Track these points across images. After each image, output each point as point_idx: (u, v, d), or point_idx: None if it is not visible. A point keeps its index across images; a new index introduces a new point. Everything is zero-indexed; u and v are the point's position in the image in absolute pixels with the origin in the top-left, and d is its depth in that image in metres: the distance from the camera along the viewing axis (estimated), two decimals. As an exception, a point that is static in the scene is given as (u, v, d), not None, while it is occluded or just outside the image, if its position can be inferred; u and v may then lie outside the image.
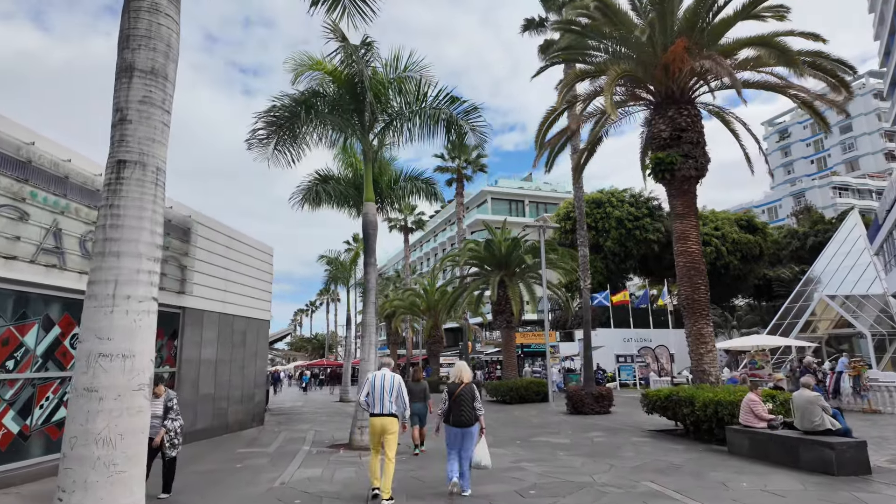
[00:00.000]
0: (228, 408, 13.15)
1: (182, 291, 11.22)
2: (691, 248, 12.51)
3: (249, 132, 10.91)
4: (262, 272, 15.25)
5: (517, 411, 17.91)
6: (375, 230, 11.67)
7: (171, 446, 6.62)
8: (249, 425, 14.22)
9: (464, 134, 12.41)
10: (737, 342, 23.53)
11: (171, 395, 6.74)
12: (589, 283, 18.32)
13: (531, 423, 14.64)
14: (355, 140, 12.19)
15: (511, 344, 23.24)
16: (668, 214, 39.17)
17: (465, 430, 6.38)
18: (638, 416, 15.96)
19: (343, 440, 11.31)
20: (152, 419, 6.03)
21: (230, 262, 13.44)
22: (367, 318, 11.16)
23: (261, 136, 11.03)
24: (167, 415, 6.62)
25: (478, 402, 6.50)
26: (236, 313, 13.68)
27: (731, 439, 9.42)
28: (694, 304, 12.25)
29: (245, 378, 14.05)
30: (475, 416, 6.40)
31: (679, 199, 12.74)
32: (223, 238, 13.12)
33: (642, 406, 12.59)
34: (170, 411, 6.65)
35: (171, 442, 6.61)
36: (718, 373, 12.17)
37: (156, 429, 6.31)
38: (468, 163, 30.58)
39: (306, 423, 15.91)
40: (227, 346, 13.26)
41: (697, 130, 12.75)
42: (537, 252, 21.74)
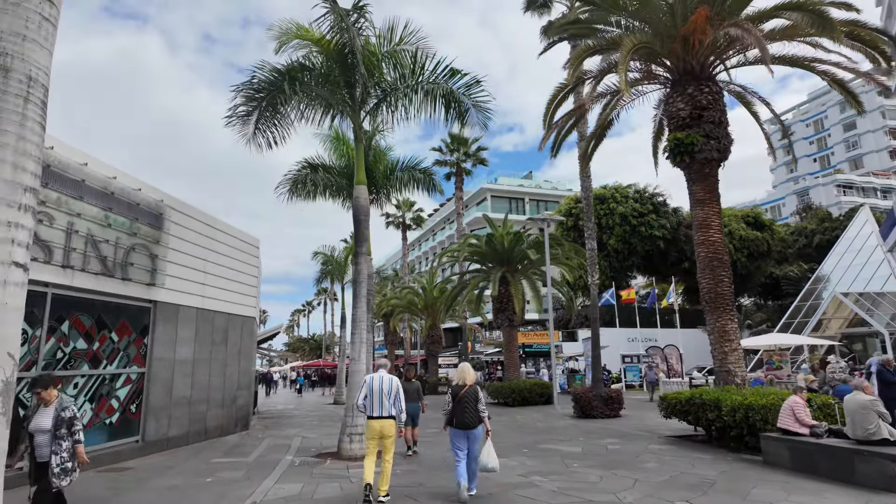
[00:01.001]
0: (208, 412, 12.05)
1: (152, 283, 10.12)
2: (713, 238, 11.44)
3: (229, 108, 9.79)
4: (248, 265, 14.14)
5: (520, 415, 16.82)
6: (367, 216, 10.58)
7: (62, 473, 4.83)
8: (232, 430, 13.12)
9: (465, 111, 11.32)
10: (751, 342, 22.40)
11: (65, 403, 5.03)
12: (597, 278, 17.26)
13: (537, 427, 13.55)
14: (345, 117, 11.07)
15: (513, 343, 22.15)
16: (673, 211, 38.26)
17: (469, 433, 6.33)
18: (651, 419, 14.90)
19: (332, 448, 10.22)
20: (38, 434, 4.85)
21: (210, 254, 12.34)
22: (358, 314, 10.08)
23: (241, 112, 9.90)
24: (59, 430, 4.88)
25: (481, 403, 6.43)
26: (217, 309, 12.58)
27: (768, 448, 8.34)
28: (717, 298, 11.18)
29: (227, 379, 12.95)
30: (479, 418, 6.35)
31: (699, 183, 11.66)
32: (201, 227, 12.02)
33: (660, 410, 11.52)
34: (63, 424, 4.91)
35: (61, 468, 4.82)
36: (745, 373, 11.09)
37: (43, 448, 4.85)
38: (468, 156, 29.47)
39: (295, 427, 14.81)
40: (207, 345, 12.15)
41: (719, 109, 11.69)
42: (541, 247, 20.67)
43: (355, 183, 10.70)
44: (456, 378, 6.69)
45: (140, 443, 9.86)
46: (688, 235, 37.29)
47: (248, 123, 10.08)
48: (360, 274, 10.33)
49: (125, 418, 9.62)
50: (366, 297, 10.47)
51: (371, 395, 6.42)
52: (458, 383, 6.57)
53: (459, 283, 24.29)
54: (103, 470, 8.43)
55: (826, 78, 12.06)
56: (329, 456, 9.57)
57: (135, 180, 9.89)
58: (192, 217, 11.66)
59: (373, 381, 6.51)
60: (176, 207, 11.03)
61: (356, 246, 10.45)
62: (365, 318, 10.23)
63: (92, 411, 8.87)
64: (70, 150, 8.41)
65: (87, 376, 8.78)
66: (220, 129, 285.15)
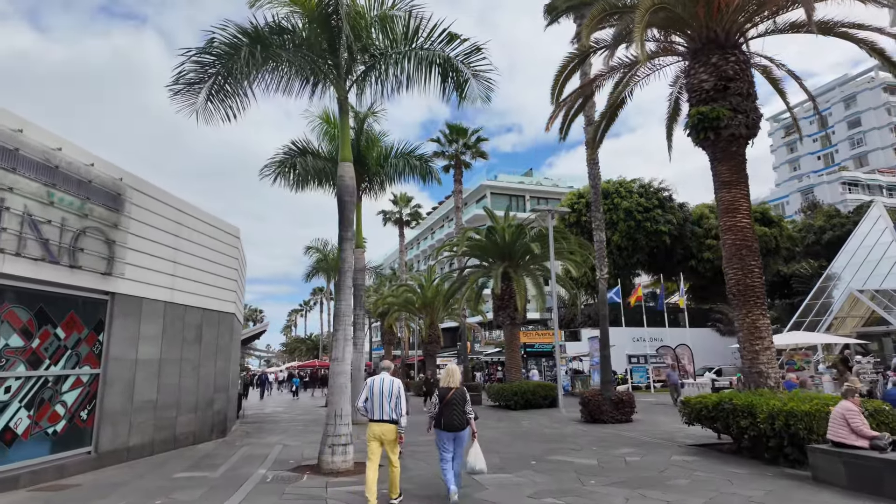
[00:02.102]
0: (177, 417, 10.82)
1: (109, 273, 8.88)
2: (741, 223, 10.24)
3: (174, 75, 8.44)
4: (226, 257, 12.92)
5: (525, 419, 15.61)
6: (353, 196, 9.36)
7: None
8: (208, 437, 11.89)
9: (464, 81, 10.12)
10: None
11: None
12: (606, 272, 16.06)
13: (544, 434, 12.34)
14: (328, 86, 9.82)
15: (515, 343, 20.92)
16: (679, 206, 37.04)
17: (456, 435, 6.29)
18: (666, 424, 13.71)
19: (312, 459, 9.00)
20: None
21: (182, 242, 11.12)
22: (342, 307, 8.86)
23: (190, 79, 8.57)
24: None
25: (468, 405, 6.35)
26: (190, 303, 11.35)
27: (819, 463, 7.13)
28: (746, 291, 9.98)
29: (201, 381, 11.73)
30: (466, 420, 6.28)
31: (725, 163, 10.46)
32: (171, 211, 10.80)
33: (681, 415, 10.32)
34: None
35: None
36: (779, 375, 9.89)
37: None
38: (467, 147, 28.22)
39: (278, 433, 13.58)
40: (177, 343, 10.93)
41: (747, 80, 10.49)
42: (545, 240, 19.47)
43: (339, 160, 9.48)
44: (442, 380, 6.53)
45: (93, 454, 8.63)
46: (694, 232, 36.13)
47: (197, 93, 8.75)
48: (344, 262, 9.10)
49: (74, 426, 8.38)
50: (351, 288, 9.25)
51: (372, 397, 6.21)
52: (445, 385, 6.43)
53: (458, 278, 23.06)
54: (40, 488, 7.22)
55: (865, 47, 10.85)
56: (308, 470, 8.35)
57: (86, 154, 8.66)
58: (159, 200, 10.43)
59: (374, 384, 6.29)
60: (139, 188, 9.80)
61: (341, 231, 9.23)
62: (350, 313, 9.01)
63: (30, 419, 7.64)
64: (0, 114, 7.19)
65: (22, 378, 7.55)
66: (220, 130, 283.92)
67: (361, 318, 16.37)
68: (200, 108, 8.84)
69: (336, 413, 8.46)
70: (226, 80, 8.75)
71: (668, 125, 14.06)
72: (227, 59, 8.51)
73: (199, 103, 8.79)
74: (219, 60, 8.51)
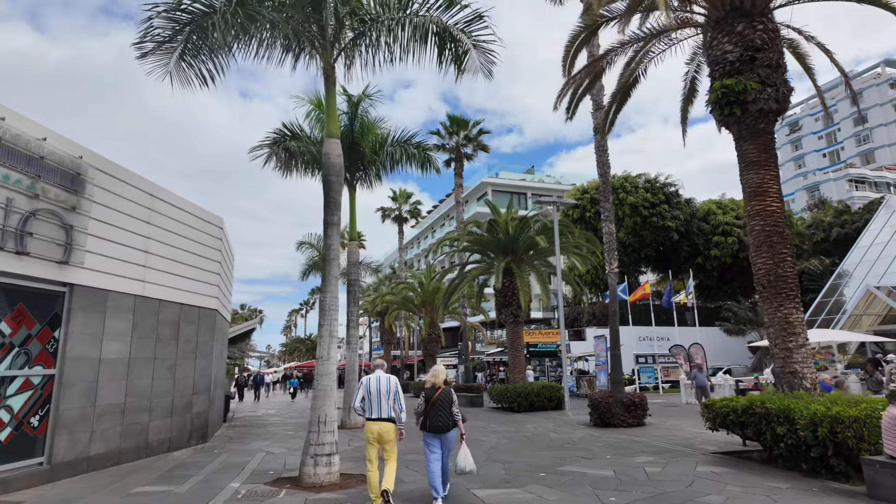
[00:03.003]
0: (150, 423, 9.85)
1: (66, 261, 7.93)
2: (771, 207, 9.25)
3: (140, 31, 7.44)
4: (207, 248, 11.96)
5: (529, 423, 14.63)
6: (339, 176, 8.37)
7: None
8: (185, 444, 10.93)
9: (464, 53, 9.15)
10: None
11: None
12: (616, 265, 15.06)
13: (551, 440, 11.36)
14: (314, 55, 8.84)
15: (518, 341, 19.93)
16: (686, 202, 36.01)
17: (442, 437, 6.16)
18: (682, 429, 12.74)
19: (295, 470, 8.02)
20: None
21: (155, 231, 10.16)
22: (327, 300, 7.89)
23: (159, 37, 7.58)
24: None
25: (455, 406, 6.19)
26: (165, 297, 10.40)
27: (876, 478, 6.14)
28: (777, 282, 8.99)
29: (179, 382, 10.76)
30: (453, 422, 6.14)
31: (752, 141, 9.48)
32: (141, 196, 9.84)
33: (705, 420, 9.34)
34: None
35: None
36: (815, 375, 8.90)
37: None
38: (468, 140, 27.21)
39: (264, 438, 12.62)
40: (150, 341, 9.97)
41: (776, 50, 9.51)
42: (550, 233, 18.51)
43: (325, 136, 8.51)
44: (427, 381, 6.36)
45: (45, 466, 7.66)
46: (701, 228, 35.09)
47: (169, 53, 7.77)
48: (330, 249, 8.12)
49: (22, 434, 7.41)
50: (339, 279, 8.28)
51: (369, 396, 6.06)
52: (430, 385, 6.26)
53: (459, 274, 22.07)
54: (-25, 507, 6.26)
55: None
56: (287, 483, 7.37)
57: (38, 127, 7.70)
58: (127, 183, 9.46)
59: (370, 382, 6.12)
60: (103, 169, 8.84)
61: (326, 215, 8.25)
62: (336, 307, 8.03)
63: (-34, 427, 6.69)
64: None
65: (-44, 380, 6.59)
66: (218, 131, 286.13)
67: (356, 315, 15.41)
68: (174, 70, 7.88)
69: (320, 419, 7.49)
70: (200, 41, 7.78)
71: (682, 107, 13.11)
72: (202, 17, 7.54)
73: (171, 65, 7.82)
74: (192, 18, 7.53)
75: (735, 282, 36.99)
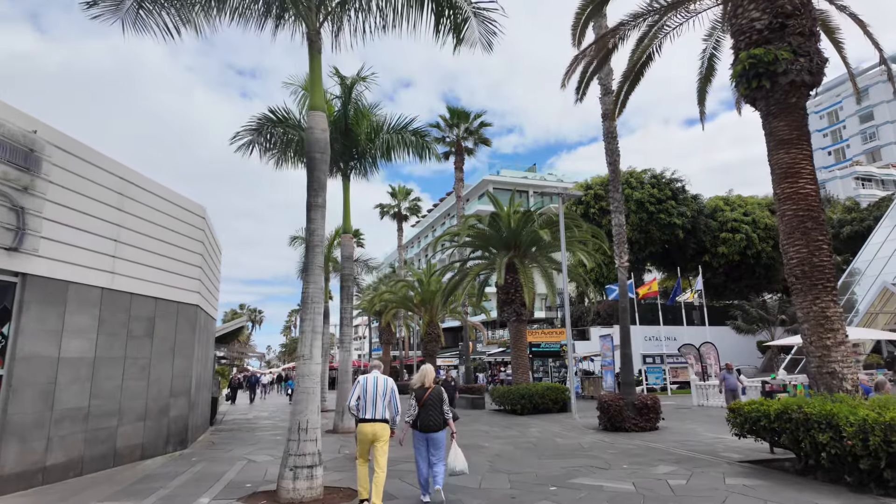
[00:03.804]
0: (119, 428, 8.97)
1: (16, 248, 7.05)
2: (805, 189, 8.35)
3: None
4: (187, 239, 11.08)
5: (534, 427, 13.73)
6: (325, 153, 7.48)
7: None
8: (162, 451, 10.04)
9: (463, 21, 8.29)
10: None
11: None
12: (626, 259, 14.16)
13: (559, 447, 10.45)
14: (297, 17, 7.95)
15: (521, 341, 19.03)
16: (692, 198, 35.06)
17: (432, 436, 6.02)
18: (699, 433, 11.86)
19: (276, 481, 7.11)
20: None
21: (125, 218, 9.28)
22: (311, 291, 7.00)
23: None
24: None
25: (446, 405, 6.14)
26: (138, 291, 9.52)
27: (949, 497, 5.24)
28: (813, 272, 8.09)
29: (153, 384, 9.88)
30: (444, 421, 6.08)
31: (783, 117, 8.58)
32: (110, 179, 8.96)
33: (731, 426, 8.43)
34: None
35: None
36: (856, 376, 8.01)
37: None
38: (469, 133, 26.33)
39: (249, 444, 11.73)
40: (120, 338, 9.09)
41: (809, 16, 8.64)
42: (555, 226, 17.62)
43: (307, 108, 7.63)
44: (416, 381, 6.30)
45: (-10, 478, 6.78)
46: (708, 225, 34.19)
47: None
48: (314, 235, 7.23)
49: (-39, 444, 6.55)
50: (323, 268, 7.36)
51: (364, 396, 5.97)
52: (420, 386, 6.21)
53: (460, 270, 21.17)
54: None
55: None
56: (263, 498, 6.48)
57: (-17, 96, 6.84)
58: (93, 164, 8.59)
59: (366, 383, 6.04)
60: (63, 147, 7.96)
61: (310, 196, 7.35)
62: (321, 299, 7.14)
63: None
64: None
65: None
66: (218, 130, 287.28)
67: (349, 312, 14.52)
68: (129, 17, 7.01)
69: (300, 426, 6.60)
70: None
71: (699, 88, 12.23)
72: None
73: (124, 7, 6.95)
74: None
75: (743, 280, 36.08)
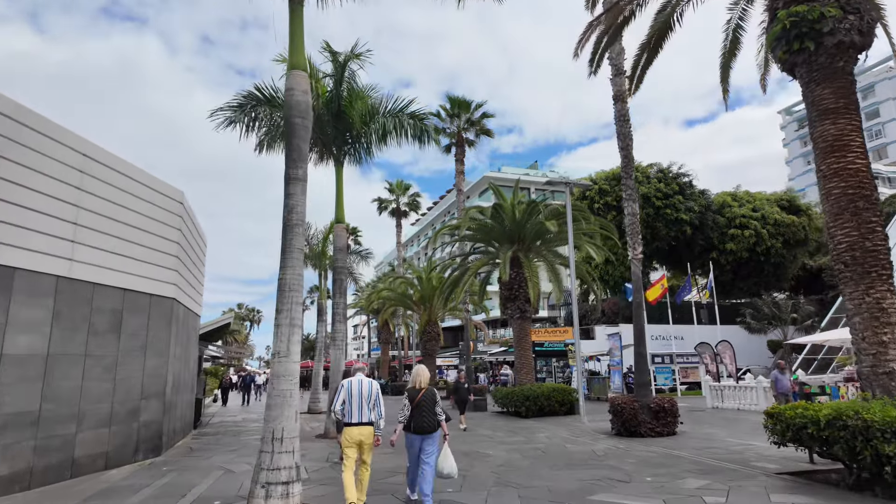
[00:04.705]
0: (78, 435, 7.97)
1: (-55, 226, 6.05)
2: (854, 165, 7.36)
3: None
4: (162, 225, 10.08)
5: (541, 431, 12.73)
6: (305, 118, 6.48)
7: None
8: (130, 459, 9.03)
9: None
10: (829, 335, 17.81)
11: None
12: (640, 251, 13.15)
13: (570, 454, 9.44)
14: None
15: (525, 339, 18.00)
16: (700, 192, 34.00)
17: (426, 437, 5.87)
18: (721, 439, 10.89)
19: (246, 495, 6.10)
20: None
21: (87, 198, 8.29)
22: (287, 278, 6.00)
23: None
24: None
25: (439, 406, 6.04)
26: (101, 281, 8.52)
27: None
28: (865, 258, 7.10)
29: (121, 385, 8.88)
30: (437, 422, 5.94)
31: (828, 84, 7.59)
32: (68, 154, 7.96)
33: (770, 433, 7.43)
34: None
35: None
36: None
37: None
38: (470, 123, 25.31)
39: (231, 450, 10.73)
40: (79, 333, 8.09)
41: (859, -31, 7.64)
42: (562, 217, 16.62)
43: (287, 68, 6.63)
44: (411, 381, 6.16)
45: (-90, 496, 5.79)
46: (716, 221, 33.19)
47: None
48: (292, 212, 6.22)
49: None
50: (303, 251, 6.36)
51: (350, 399, 5.80)
52: (413, 387, 6.09)
53: (461, 265, 20.16)
54: None
55: None
56: (230, 521, 5.49)
57: None
58: (48, 137, 7.58)
59: (351, 386, 5.86)
60: (13, 116, 6.95)
61: (288, 168, 6.35)
62: (300, 287, 6.14)
63: None
64: None
65: None
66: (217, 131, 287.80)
67: (343, 307, 13.52)
68: None
69: (274, 435, 5.61)
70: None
71: (723, 63, 11.19)
72: None
73: None
74: None
75: (751, 278, 35.07)
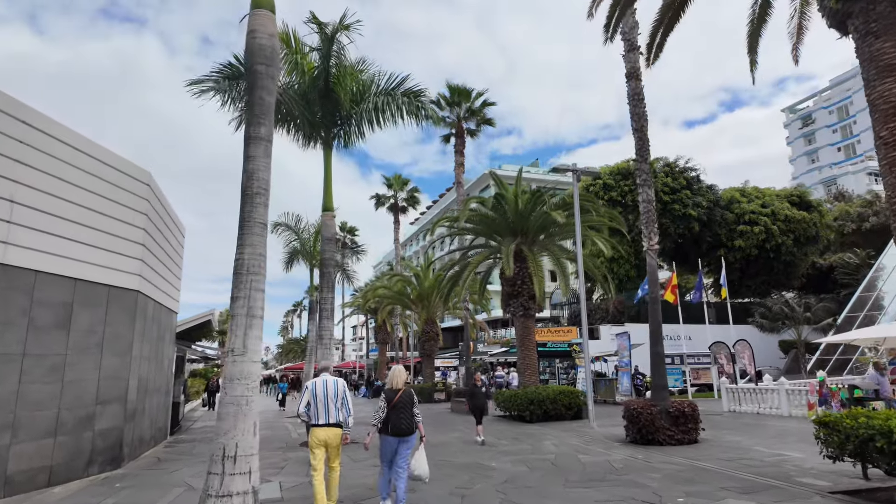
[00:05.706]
0: (12, 447, 6.84)
1: None
2: (923, 129, 6.25)
3: None
4: (124, 208, 8.97)
5: (548, 438, 11.60)
6: (270, 65, 5.37)
7: None
8: (82, 473, 7.91)
9: None
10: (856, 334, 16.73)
11: None
12: (656, 242, 12.01)
13: (584, 468, 8.31)
14: None
15: (529, 338, 16.91)
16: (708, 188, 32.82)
17: (402, 440, 5.68)
18: (751, 448, 9.78)
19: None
20: None
21: (29, 173, 7.18)
22: (245, 257, 4.88)
23: None
24: None
25: (417, 408, 5.89)
26: (45, 268, 7.41)
27: None
28: (940, 239, 5.98)
29: (70, 388, 7.76)
30: (415, 424, 5.78)
31: (890, 36, 6.49)
32: (4, 121, 6.85)
33: (822, 445, 6.32)
34: None
35: None
36: None
37: None
38: (471, 113, 24.18)
39: (201, 462, 9.53)
40: (16, 329, 6.99)
41: None
42: (569, 208, 15.53)
43: (251, 7, 5.52)
44: (388, 382, 5.89)
45: None
46: (724, 217, 32.07)
47: None
48: (252, 178, 5.10)
49: None
50: (265, 227, 5.21)
51: (315, 400, 5.64)
52: (390, 387, 5.81)
53: (461, 260, 19.05)
54: None
55: None
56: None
57: None
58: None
59: (315, 387, 5.70)
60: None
61: (249, 125, 5.23)
62: (260, 270, 5.02)
63: None
64: None
65: None
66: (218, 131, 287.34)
67: (331, 303, 12.40)
68: None
69: (226, 453, 4.49)
70: None
71: (750, 32, 10.11)
72: None
73: None
74: None
75: (759, 276, 33.94)
